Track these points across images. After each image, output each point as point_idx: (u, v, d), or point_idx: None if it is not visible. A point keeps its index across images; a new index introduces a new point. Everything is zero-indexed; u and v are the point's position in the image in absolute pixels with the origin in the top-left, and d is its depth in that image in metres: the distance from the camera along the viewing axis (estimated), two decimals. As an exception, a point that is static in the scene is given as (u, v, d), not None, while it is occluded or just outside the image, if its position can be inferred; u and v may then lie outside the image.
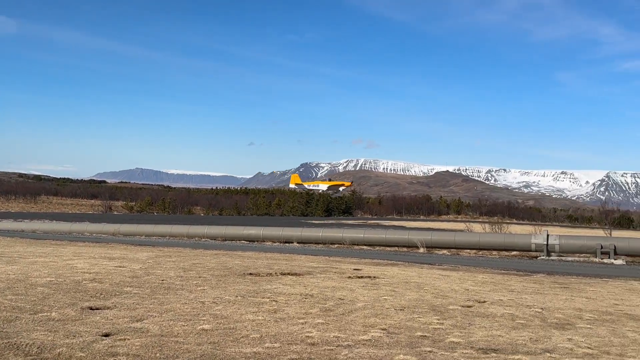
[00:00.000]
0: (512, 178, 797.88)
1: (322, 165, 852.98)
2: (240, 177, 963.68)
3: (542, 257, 27.98)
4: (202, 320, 8.94)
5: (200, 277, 14.21)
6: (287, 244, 33.12)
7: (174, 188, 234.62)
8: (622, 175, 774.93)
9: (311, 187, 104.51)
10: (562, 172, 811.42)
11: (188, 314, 9.40)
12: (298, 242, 33.70)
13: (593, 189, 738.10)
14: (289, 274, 15.66)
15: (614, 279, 18.57)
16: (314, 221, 66.51)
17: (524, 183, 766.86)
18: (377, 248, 31.90)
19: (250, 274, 15.29)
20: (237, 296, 11.36)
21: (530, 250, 29.07)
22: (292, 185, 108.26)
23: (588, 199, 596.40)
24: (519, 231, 41.69)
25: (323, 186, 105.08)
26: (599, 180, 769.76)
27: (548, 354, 7.60)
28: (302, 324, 8.94)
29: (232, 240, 35.15)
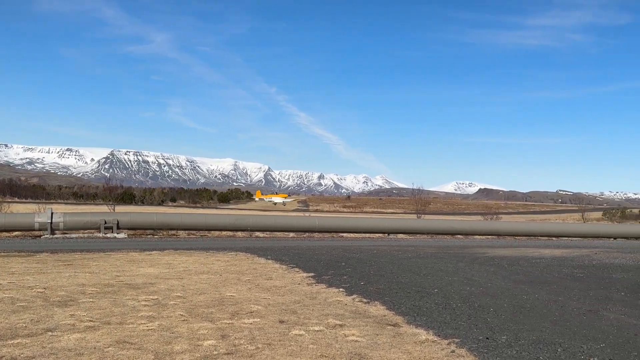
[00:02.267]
0: (14, 154, 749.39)
1: None
2: None
3: (46, 236, 27.32)
4: None
5: None
6: None
7: None
8: (125, 154, 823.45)
9: (266, 200, 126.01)
10: (67, 149, 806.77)
11: None
12: None
13: (98, 166, 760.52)
14: None
15: (117, 251, 19.66)
16: None
17: (28, 160, 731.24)
18: None
19: None
20: None
21: (34, 230, 28.05)
22: (257, 199, 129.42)
23: (93, 176, 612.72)
24: (22, 210, 40.17)
25: (278, 199, 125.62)
26: (104, 157, 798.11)
27: (50, 333, 7.48)
28: None
29: None
